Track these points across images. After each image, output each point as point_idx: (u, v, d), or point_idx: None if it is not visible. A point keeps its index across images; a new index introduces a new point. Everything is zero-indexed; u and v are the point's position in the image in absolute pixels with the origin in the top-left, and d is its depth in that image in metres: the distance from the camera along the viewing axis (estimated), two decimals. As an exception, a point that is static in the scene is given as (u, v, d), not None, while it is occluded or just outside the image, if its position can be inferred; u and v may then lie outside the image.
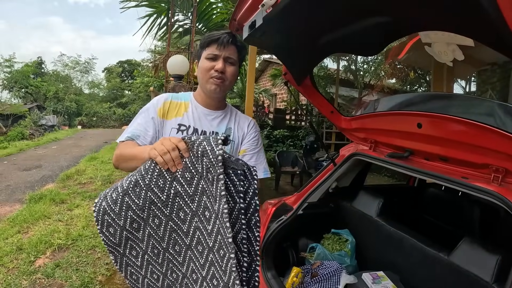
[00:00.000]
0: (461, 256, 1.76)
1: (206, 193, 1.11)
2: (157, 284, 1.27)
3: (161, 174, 1.13)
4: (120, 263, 1.23)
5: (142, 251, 1.21)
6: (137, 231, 1.17)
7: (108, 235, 1.16)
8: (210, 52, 1.57)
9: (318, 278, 2.14)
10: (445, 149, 1.83)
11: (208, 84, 1.60)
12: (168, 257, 1.22)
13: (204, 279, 1.18)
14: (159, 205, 1.14)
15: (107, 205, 1.15)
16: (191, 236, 1.17)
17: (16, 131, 19.60)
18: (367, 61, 11.20)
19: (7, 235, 4.72)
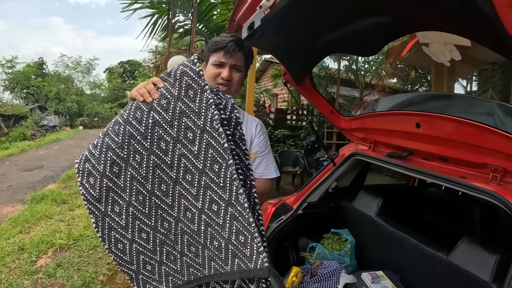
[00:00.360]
0: (460, 255, 1.76)
1: (185, 113, 1.08)
2: (147, 246, 1.17)
3: (138, 106, 1.11)
4: (102, 227, 1.13)
5: (125, 203, 1.12)
6: (118, 177, 1.09)
7: (88, 187, 1.09)
8: (216, 59, 1.60)
9: (318, 277, 2.14)
10: (444, 148, 1.83)
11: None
12: (156, 201, 1.13)
13: (201, 211, 1.11)
14: (138, 138, 1.08)
15: (89, 152, 1.11)
16: (177, 167, 1.10)
17: (17, 131, 19.64)
18: (368, 60, 11.20)
19: (9, 235, 4.76)
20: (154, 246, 1.17)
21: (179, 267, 1.19)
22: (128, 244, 1.15)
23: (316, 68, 11.33)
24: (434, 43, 1.66)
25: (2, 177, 8.82)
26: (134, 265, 1.18)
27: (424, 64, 7.94)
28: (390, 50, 7.74)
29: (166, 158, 1.10)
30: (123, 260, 1.17)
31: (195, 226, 1.12)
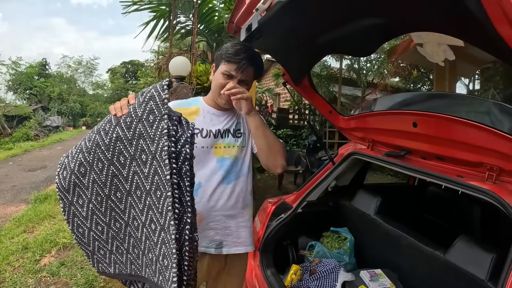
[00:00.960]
0: (457, 254, 1.78)
1: (143, 136, 1.16)
2: (102, 236, 1.29)
3: (109, 120, 1.21)
4: (68, 212, 1.26)
5: (87, 199, 1.23)
6: (84, 177, 1.21)
7: (61, 178, 1.22)
8: (227, 70, 1.61)
9: (317, 275, 2.17)
10: (441, 148, 1.85)
11: (220, 98, 1.67)
12: (111, 204, 1.25)
13: (144, 225, 1.22)
14: (102, 148, 1.19)
15: (70, 150, 1.25)
16: (130, 181, 1.21)
17: (21, 132, 19.73)
18: (370, 59, 11.19)
19: (13, 235, 4.79)
20: (107, 238, 1.30)
21: (124, 260, 1.33)
22: (87, 230, 1.28)
23: (318, 67, 11.32)
24: (428, 43, 1.68)
25: (6, 178, 8.87)
26: (90, 247, 1.32)
27: (426, 63, 7.94)
28: (391, 49, 7.74)
29: (123, 171, 1.21)
30: (82, 242, 1.31)
31: (138, 234, 1.25)
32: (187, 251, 1.17)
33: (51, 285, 3.49)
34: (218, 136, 1.71)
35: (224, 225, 1.73)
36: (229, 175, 1.72)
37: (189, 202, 1.19)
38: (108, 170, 1.20)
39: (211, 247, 1.70)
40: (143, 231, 1.23)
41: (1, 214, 5.89)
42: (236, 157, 1.73)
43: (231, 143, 1.73)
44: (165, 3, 5.71)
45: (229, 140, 1.73)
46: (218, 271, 1.81)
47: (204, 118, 1.73)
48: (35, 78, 29.31)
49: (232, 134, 1.74)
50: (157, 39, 6.98)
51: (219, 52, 1.69)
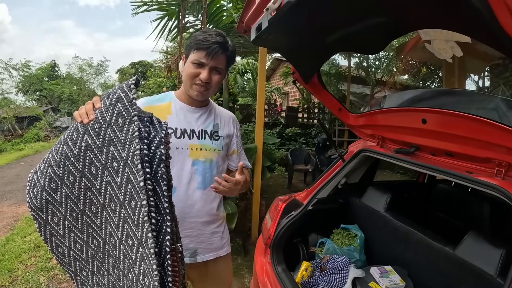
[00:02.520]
0: (466, 250, 1.78)
1: (113, 141, 1.08)
2: (81, 256, 1.20)
3: (76, 128, 1.12)
4: (45, 232, 1.17)
5: (62, 216, 1.15)
6: (55, 192, 1.12)
7: (32, 197, 1.13)
8: (197, 58, 1.54)
9: (327, 272, 2.18)
10: (450, 144, 1.86)
11: (192, 90, 1.60)
12: (87, 220, 1.16)
13: (120, 241, 1.12)
14: (72, 160, 1.10)
15: (38, 165, 1.16)
16: (104, 193, 1.12)
17: (32, 133, 19.94)
18: (379, 57, 11.16)
19: (25, 233, 4.87)
20: (87, 257, 1.21)
21: (106, 283, 1.23)
22: (66, 250, 1.20)
23: (327, 66, 11.31)
24: (435, 40, 1.68)
25: (17, 178, 8.99)
26: (72, 268, 1.24)
27: (435, 60, 7.89)
28: (400, 47, 7.70)
29: (95, 183, 1.12)
30: (63, 262, 1.23)
31: (116, 252, 1.15)
32: (170, 265, 1.07)
33: (63, 283, 3.55)
34: (193, 136, 1.65)
35: (198, 232, 1.68)
36: (205, 180, 1.66)
37: (167, 209, 1.10)
38: (80, 183, 1.12)
39: (186, 256, 1.62)
40: (120, 248, 1.13)
41: (13, 213, 5.98)
42: (212, 161, 1.68)
43: (208, 145, 1.67)
44: (174, 3, 5.73)
45: (205, 142, 1.67)
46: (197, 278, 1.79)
47: (177, 116, 1.65)
48: (45, 80, 29.54)
49: (210, 136, 1.69)
50: (166, 39, 7.03)
51: (188, 42, 1.63)
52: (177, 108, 1.66)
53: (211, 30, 1.63)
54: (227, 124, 1.80)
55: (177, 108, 1.66)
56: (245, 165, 1.81)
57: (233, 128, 1.82)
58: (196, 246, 1.69)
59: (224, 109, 1.89)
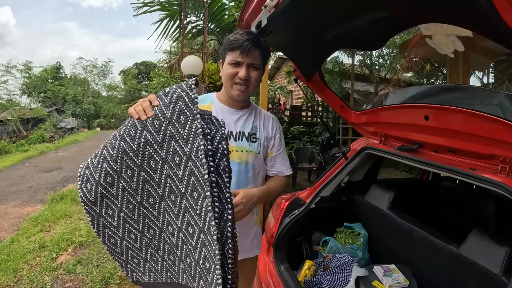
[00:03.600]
0: (470, 248, 1.76)
1: (174, 137, 1.13)
2: (135, 245, 1.26)
3: (134, 124, 1.16)
4: (97, 224, 1.22)
5: (117, 208, 1.20)
6: (111, 186, 1.17)
7: (86, 191, 1.17)
8: (233, 58, 1.57)
9: (330, 270, 2.17)
10: (453, 140, 1.84)
11: (233, 90, 1.62)
12: (144, 211, 1.21)
13: (180, 229, 1.18)
14: (130, 155, 1.14)
15: (90, 160, 1.20)
16: (163, 185, 1.17)
17: (36, 134, 20.06)
18: (382, 55, 11.10)
19: (30, 234, 4.90)
20: (141, 246, 1.27)
21: (159, 268, 1.29)
22: (119, 240, 1.26)
23: (330, 64, 11.27)
24: (436, 35, 1.66)
25: (23, 179, 9.04)
26: (123, 257, 1.30)
27: (438, 57, 7.85)
28: (403, 44, 7.66)
29: (154, 176, 1.17)
30: (115, 252, 1.29)
31: (174, 239, 1.21)
32: (230, 249, 1.14)
33: (67, 283, 3.56)
34: (230, 137, 1.65)
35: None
36: (239, 181, 1.67)
37: (228, 198, 1.16)
38: (139, 176, 1.17)
39: None
40: (179, 236, 1.20)
41: (18, 214, 6.01)
42: (248, 163, 1.69)
43: (245, 147, 1.68)
44: (176, 3, 5.74)
45: (242, 144, 1.68)
46: None
47: (216, 115, 1.61)
48: (49, 81, 29.68)
49: (247, 138, 1.70)
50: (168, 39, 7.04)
51: (222, 48, 1.66)
52: (217, 110, 1.68)
53: (241, 30, 1.64)
54: (267, 126, 1.79)
55: (217, 109, 1.68)
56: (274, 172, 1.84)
57: (272, 130, 1.81)
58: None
59: (266, 111, 1.88)
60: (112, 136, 1.20)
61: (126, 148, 1.14)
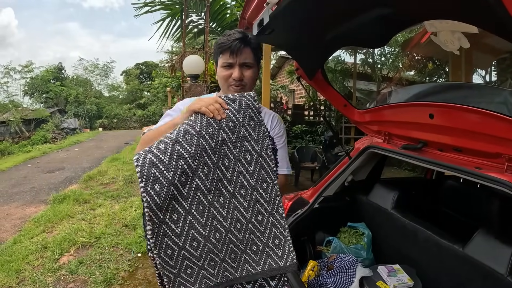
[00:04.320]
0: (476, 248, 1.74)
1: (247, 138, 1.28)
2: (195, 253, 1.21)
3: (210, 123, 1.24)
4: (157, 234, 1.14)
5: (185, 211, 1.16)
6: (184, 186, 1.15)
7: (153, 194, 1.09)
8: (225, 61, 1.55)
9: (334, 271, 2.15)
10: (458, 139, 1.82)
11: (229, 91, 1.59)
12: (213, 212, 1.22)
13: (249, 221, 1.28)
14: (209, 152, 1.20)
15: (155, 157, 1.12)
16: (235, 182, 1.26)
17: (39, 135, 20.10)
18: (385, 53, 11.08)
19: (32, 235, 4.89)
20: (201, 254, 1.23)
21: (215, 272, 1.27)
22: (177, 250, 1.19)
23: (333, 62, 11.25)
24: (442, 31, 1.64)
25: (25, 179, 9.05)
26: (176, 269, 1.21)
27: (441, 55, 7.82)
28: (406, 42, 7.63)
29: (227, 174, 1.25)
30: (167, 265, 1.19)
31: (241, 235, 1.29)
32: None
33: (70, 283, 3.55)
34: None
35: None
36: None
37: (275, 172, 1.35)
38: (214, 174, 1.22)
39: None
40: (247, 229, 1.28)
41: (21, 214, 6.01)
42: None
43: None
44: (177, 2, 5.73)
45: None
46: None
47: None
48: (51, 82, 29.72)
49: None
50: (170, 39, 7.03)
51: (214, 51, 1.65)
52: None
53: (230, 31, 1.61)
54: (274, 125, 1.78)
55: None
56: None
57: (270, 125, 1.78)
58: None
59: (269, 110, 1.86)
60: (182, 132, 1.20)
61: (206, 146, 1.20)
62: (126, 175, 8.62)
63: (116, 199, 6.61)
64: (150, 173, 1.10)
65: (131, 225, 5.16)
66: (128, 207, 6.04)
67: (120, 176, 8.53)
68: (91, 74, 34.19)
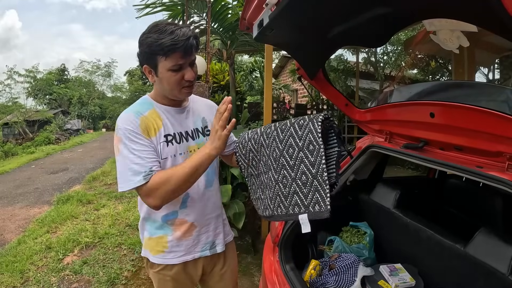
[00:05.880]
0: (477, 247, 1.74)
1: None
2: (261, 188, 1.66)
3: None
4: (246, 173, 1.72)
5: (259, 164, 1.66)
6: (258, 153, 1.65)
7: (241, 153, 1.69)
8: (174, 63, 1.40)
9: (336, 270, 2.15)
10: (459, 138, 1.81)
11: (182, 94, 1.51)
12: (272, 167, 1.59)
13: (293, 180, 1.50)
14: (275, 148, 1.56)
15: (247, 135, 1.68)
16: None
17: (42, 136, 20.19)
18: (387, 52, 11.05)
19: (36, 235, 4.93)
20: (263, 189, 1.65)
21: (273, 207, 1.61)
22: (255, 184, 1.71)
23: (335, 62, 11.24)
24: (441, 30, 1.64)
25: (29, 180, 9.10)
26: (256, 195, 1.72)
27: (443, 54, 7.80)
28: (408, 41, 7.62)
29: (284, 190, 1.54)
30: (252, 190, 1.73)
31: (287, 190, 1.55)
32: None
33: (73, 283, 3.58)
34: (189, 138, 1.59)
35: (214, 226, 1.74)
36: (209, 177, 1.68)
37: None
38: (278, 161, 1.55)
39: (206, 250, 1.72)
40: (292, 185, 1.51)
41: (25, 215, 6.05)
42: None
43: (203, 143, 1.61)
44: (179, 3, 5.74)
45: (200, 141, 1.63)
46: (213, 268, 1.83)
47: (169, 120, 1.55)
48: (54, 84, 29.82)
49: (202, 133, 1.66)
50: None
51: (143, 52, 1.45)
52: (166, 113, 1.57)
53: (162, 27, 1.40)
54: (212, 113, 1.67)
55: (164, 112, 1.56)
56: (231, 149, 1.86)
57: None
58: (214, 238, 1.74)
59: (201, 98, 1.80)
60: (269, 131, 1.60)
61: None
62: (130, 175, 8.63)
63: (119, 200, 6.64)
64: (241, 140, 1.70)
65: (134, 225, 5.18)
66: (132, 207, 6.06)
67: (124, 176, 8.53)
68: (93, 75, 34.31)
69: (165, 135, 1.51)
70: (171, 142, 1.53)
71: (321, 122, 1.47)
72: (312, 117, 1.51)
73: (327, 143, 1.57)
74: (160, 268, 1.66)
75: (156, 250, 1.65)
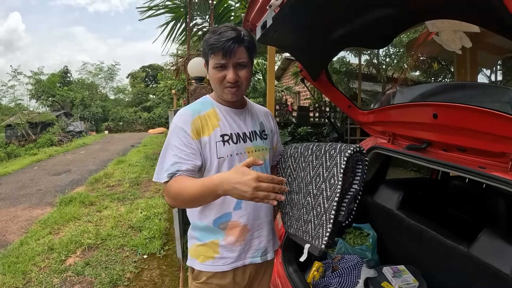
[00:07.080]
0: (481, 248, 1.73)
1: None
2: (289, 205, 1.84)
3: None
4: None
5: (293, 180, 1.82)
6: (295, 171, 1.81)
7: (284, 166, 1.86)
8: (217, 62, 1.45)
9: (339, 272, 2.15)
10: (462, 138, 1.81)
11: (225, 94, 1.52)
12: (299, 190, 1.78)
13: (312, 209, 1.66)
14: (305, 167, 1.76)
15: (290, 152, 1.86)
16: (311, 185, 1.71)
17: (45, 138, 20.24)
18: (389, 54, 11.04)
19: (38, 236, 4.93)
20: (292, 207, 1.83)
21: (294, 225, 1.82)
22: (287, 198, 1.84)
23: (337, 64, 11.23)
24: (443, 31, 1.64)
25: (32, 182, 9.11)
26: (285, 210, 1.88)
27: (446, 55, 7.79)
28: (410, 43, 7.61)
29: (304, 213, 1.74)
30: (282, 204, 1.89)
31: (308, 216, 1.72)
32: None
33: (76, 284, 3.58)
34: (246, 139, 1.59)
35: (267, 232, 1.67)
36: None
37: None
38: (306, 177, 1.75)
39: (257, 256, 1.64)
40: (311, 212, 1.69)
41: (28, 216, 6.06)
42: (266, 160, 1.66)
43: (260, 145, 1.64)
44: (181, 5, 5.76)
45: (258, 143, 1.63)
46: (254, 274, 1.73)
47: (227, 120, 1.57)
48: (57, 86, 29.90)
49: (260, 136, 1.65)
50: (174, 42, 7.06)
51: (202, 49, 1.55)
52: (224, 113, 1.59)
53: (219, 28, 1.49)
54: (268, 120, 1.77)
55: (223, 112, 1.59)
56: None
57: (273, 123, 1.81)
58: (266, 245, 1.68)
59: (258, 105, 1.83)
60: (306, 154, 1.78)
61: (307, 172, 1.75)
62: (132, 177, 8.65)
63: (122, 201, 6.64)
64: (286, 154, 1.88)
65: (137, 227, 5.18)
66: (134, 209, 6.06)
67: (126, 178, 8.55)
68: (96, 78, 34.39)
69: (221, 134, 1.52)
70: (227, 142, 1.53)
71: (347, 158, 1.55)
72: (343, 149, 1.59)
73: (354, 174, 1.69)
74: (207, 277, 1.58)
75: (204, 257, 1.58)
